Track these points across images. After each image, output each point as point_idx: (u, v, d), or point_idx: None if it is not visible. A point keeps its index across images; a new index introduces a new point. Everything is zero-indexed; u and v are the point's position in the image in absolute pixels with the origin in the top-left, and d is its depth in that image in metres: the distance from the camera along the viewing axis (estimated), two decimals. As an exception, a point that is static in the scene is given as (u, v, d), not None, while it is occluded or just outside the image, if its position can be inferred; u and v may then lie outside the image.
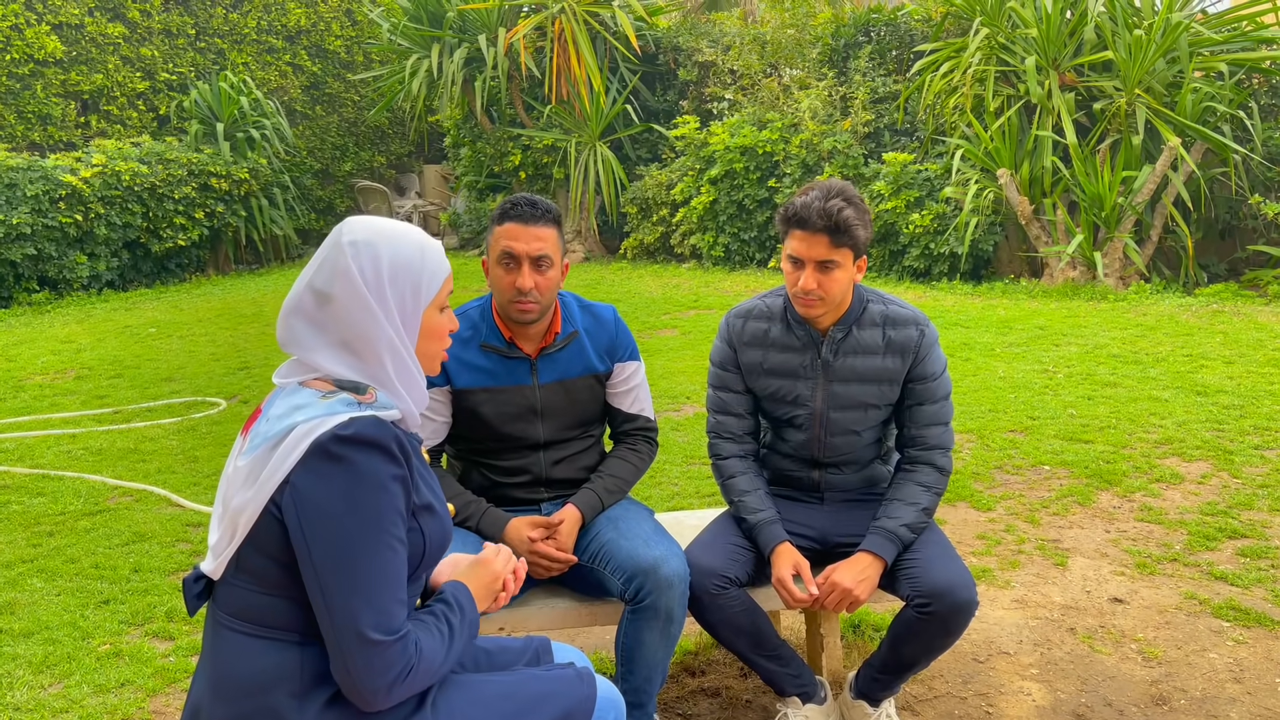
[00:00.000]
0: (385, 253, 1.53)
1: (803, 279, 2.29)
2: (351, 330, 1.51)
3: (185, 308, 10.32)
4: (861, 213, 2.28)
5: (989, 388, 5.75)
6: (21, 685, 2.89)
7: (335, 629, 1.41)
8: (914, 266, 9.68)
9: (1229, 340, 6.54)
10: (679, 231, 11.68)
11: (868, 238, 2.31)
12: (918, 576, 2.25)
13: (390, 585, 1.44)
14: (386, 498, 1.44)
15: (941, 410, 2.41)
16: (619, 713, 1.73)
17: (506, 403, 2.42)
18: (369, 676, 1.41)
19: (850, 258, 2.29)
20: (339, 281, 1.51)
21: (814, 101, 10.70)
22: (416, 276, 1.56)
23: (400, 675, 1.43)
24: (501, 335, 2.42)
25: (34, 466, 5.11)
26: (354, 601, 1.41)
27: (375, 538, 1.43)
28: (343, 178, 15.83)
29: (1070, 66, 8.82)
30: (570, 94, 12.03)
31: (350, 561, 1.41)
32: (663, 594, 2.20)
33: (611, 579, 2.27)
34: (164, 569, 3.73)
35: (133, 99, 13.72)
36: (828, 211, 2.23)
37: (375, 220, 1.58)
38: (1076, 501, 4.03)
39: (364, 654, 1.40)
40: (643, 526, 2.37)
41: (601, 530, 2.37)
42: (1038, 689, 2.71)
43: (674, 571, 2.21)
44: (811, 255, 2.27)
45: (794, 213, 2.29)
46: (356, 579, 1.41)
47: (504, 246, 2.33)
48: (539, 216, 2.33)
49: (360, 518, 1.42)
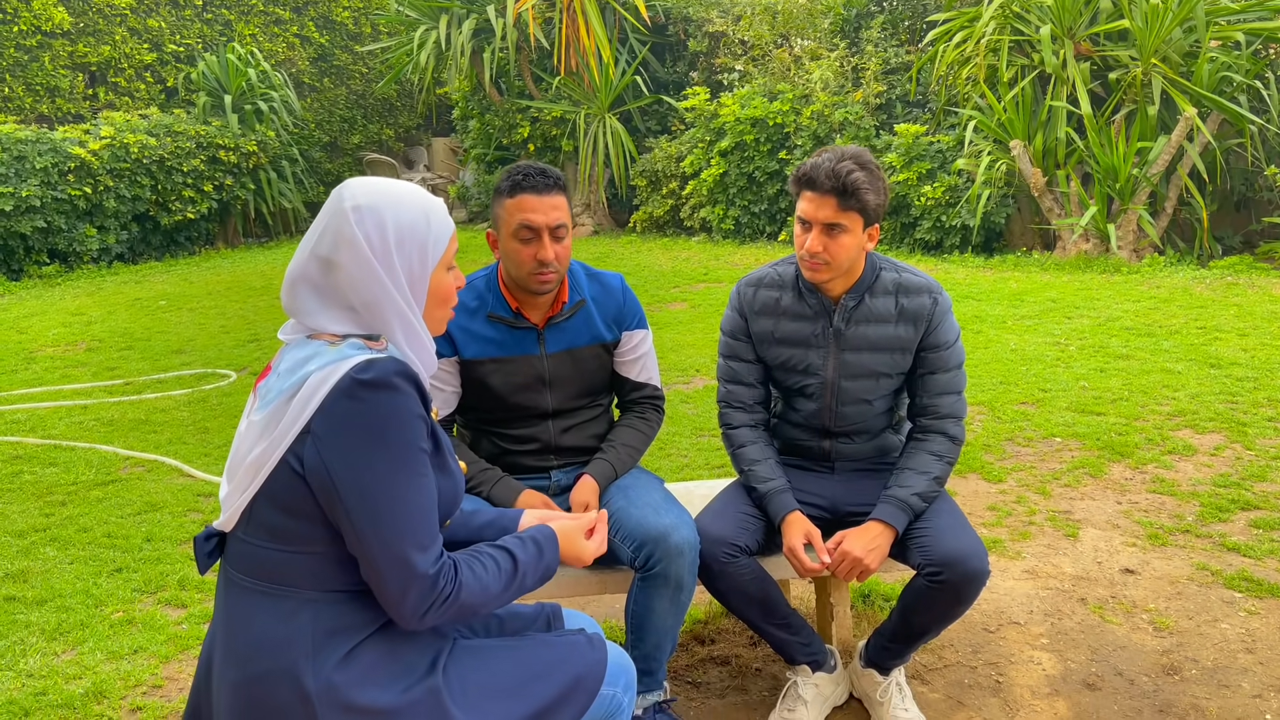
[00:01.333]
0: (390, 217, 1.51)
1: (809, 241, 2.26)
2: (358, 297, 1.49)
3: (195, 281, 10.33)
4: (874, 178, 2.24)
5: (1000, 360, 5.72)
6: (35, 652, 2.91)
7: (374, 560, 1.42)
8: (925, 239, 9.62)
9: (1243, 313, 6.49)
10: (689, 204, 11.61)
11: (879, 205, 2.26)
12: (929, 545, 2.23)
13: (425, 514, 1.45)
14: (413, 429, 1.44)
15: (954, 379, 2.39)
16: (629, 679, 1.73)
17: (514, 373, 2.40)
18: (408, 602, 1.43)
19: (859, 223, 2.26)
20: (344, 248, 1.49)
21: (825, 72, 10.60)
22: (423, 239, 1.54)
23: (437, 602, 1.45)
24: (508, 305, 2.40)
25: (46, 437, 5.13)
26: (389, 533, 1.41)
27: (405, 468, 1.43)
28: (351, 150, 15.77)
29: (1085, 36, 8.70)
30: (579, 65, 11.94)
31: (383, 496, 1.41)
32: (672, 562, 2.19)
33: (622, 547, 2.26)
34: (176, 538, 3.75)
35: (140, 71, 13.67)
36: (837, 173, 2.20)
37: (376, 182, 1.55)
38: (1088, 473, 4.01)
39: (403, 580, 1.42)
40: (652, 494, 2.36)
41: (612, 498, 2.37)
42: (1048, 658, 2.71)
43: (684, 539, 2.21)
44: (819, 217, 2.24)
45: (804, 173, 2.26)
46: (392, 511, 1.41)
47: (522, 219, 2.27)
48: (551, 185, 2.29)
49: (389, 452, 1.42)
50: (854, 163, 2.22)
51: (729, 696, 2.61)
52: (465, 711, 1.51)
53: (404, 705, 1.47)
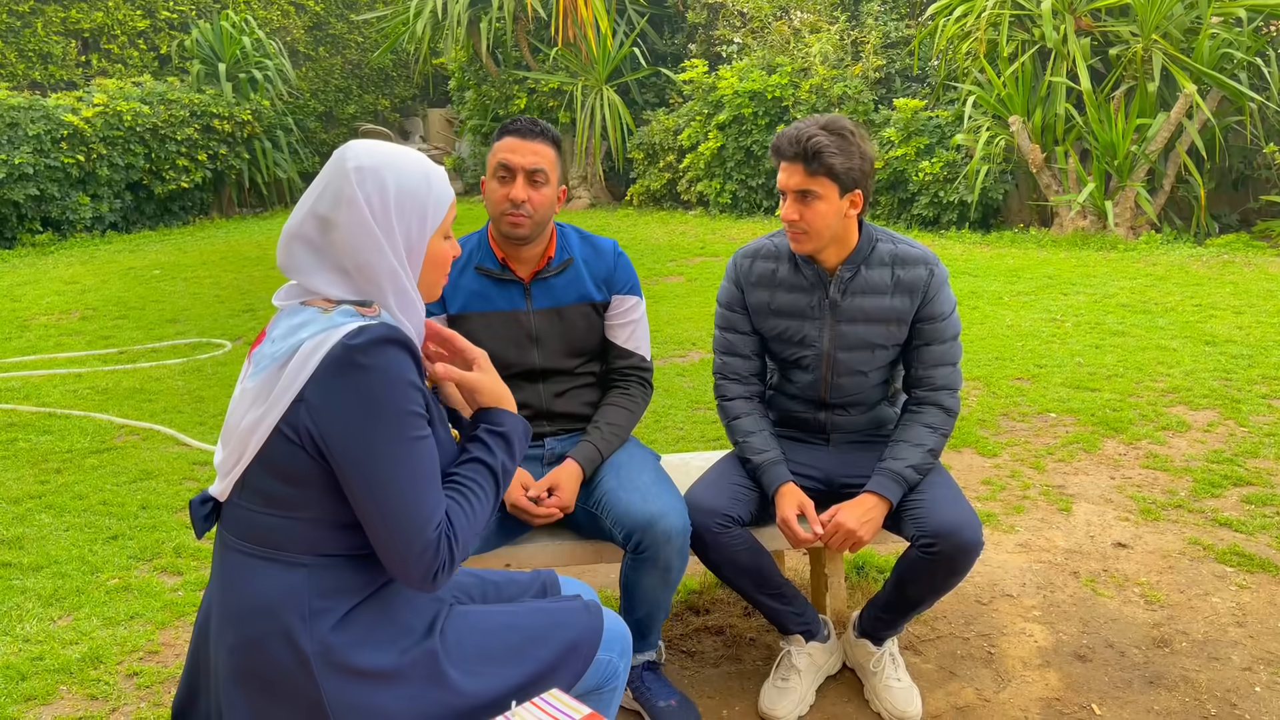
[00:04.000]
0: (391, 180, 1.50)
1: (785, 208, 2.28)
2: (354, 258, 1.49)
3: (189, 250, 10.29)
4: (845, 143, 2.22)
5: (996, 336, 5.73)
6: (31, 618, 2.92)
7: (378, 530, 1.43)
8: (923, 215, 9.60)
9: (1239, 290, 6.50)
10: (686, 178, 11.57)
11: (851, 169, 2.23)
12: (923, 517, 2.24)
13: (426, 480, 1.45)
14: (407, 395, 1.43)
15: (950, 350, 2.39)
16: (625, 644, 1.74)
17: (500, 327, 2.40)
18: (416, 570, 1.44)
19: (833, 190, 2.23)
20: (344, 208, 1.49)
21: (825, 46, 10.54)
22: (423, 204, 1.53)
23: (444, 566, 1.46)
24: (495, 257, 2.40)
25: (41, 405, 5.12)
26: (393, 504, 1.41)
27: (402, 435, 1.42)
28: (346, 121, 15.67)
29: (1087, 11, 8.65)
30: (577, 36, 11.85)
31: (382, 465, 1.41)
32: (661, 548, 2.19)
33: (612, 530, 2.26)
34: (171, 506, 3.76)
35: (133, 38, 13.54)
36: (798, 138, 2.21)
37: (380, 145, 1.55)
38: (1082, 448, 4.03)
39: (407, 548, 1.43)
40: (642, 476, 2.33)
41: (604, 478, 2.35)
42: (1040, 630, 2.73)
43: (671, 526, 2.19)
44: (790, 185, 2.26)
45: (774, 143, 2.30)
46: (392, 481, 1.41)
47: (500, 159, 2.32)
48: (538, 133, 2.33)
49: (385, 419, 1.41)
50: (821, 129, 2.22)
51: (723, 666, 2.63)
52: (462, 674, 1.52)
53: (401, 667, 1.48)
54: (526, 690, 1.55)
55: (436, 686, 1.50)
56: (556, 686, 1.56)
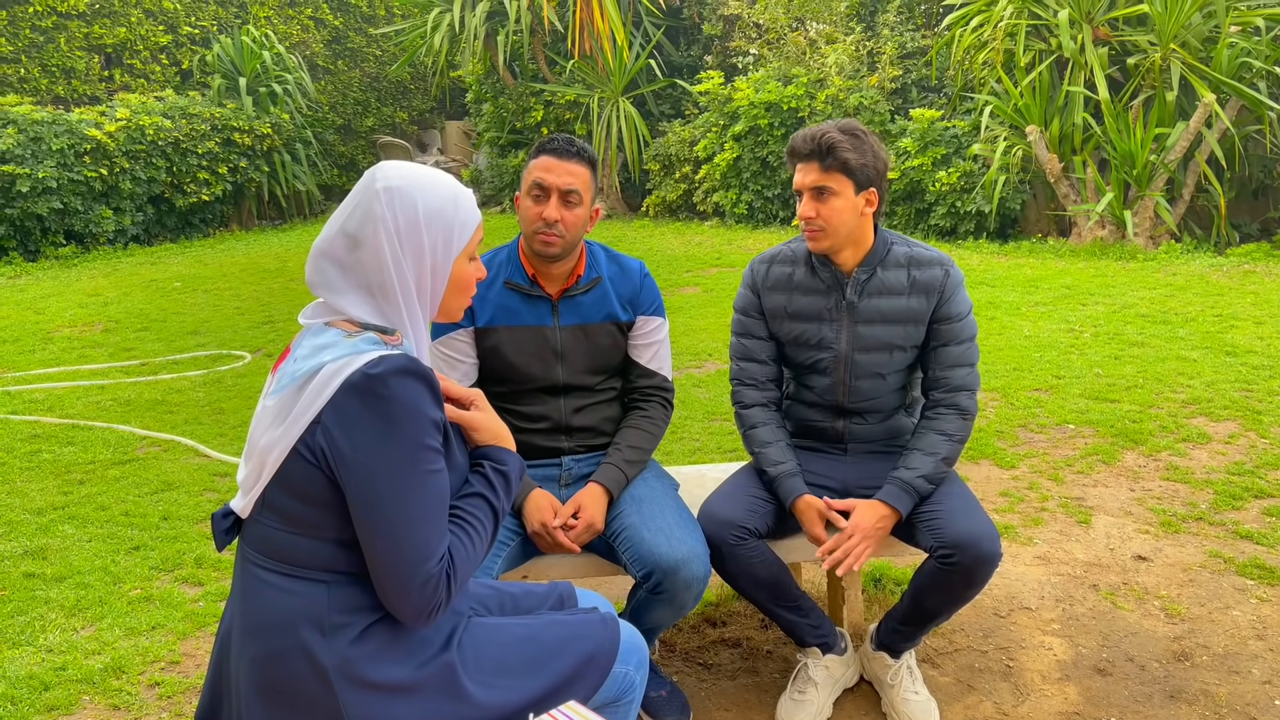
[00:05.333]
0: (419, 201, 1.53)
1: (801, 206, 2.31)
2: (379, 277, 1.51)
3: (210, 263, 10.38)
4: (859, 142, 2.28)
5: (1014, 346, 5.71)
6: (54, 628, 2.95)
7: (377, 562, 1.43)
8: (940, 225, 9.57)
9: (1260, 301, 6.45)
10: (702, 189, 11.59)
11: (865, 165, 2.27)
12: (941, 528, 2.24)
13: (433, 515, 1.45)
14: (422, 428, 1.44)
15: (967, 351, 2.39)
16: (641, 657, 1.75)
17: (527, 341, 2.42)
18: (412, 604, 1.44)
19: (848, 186, 2.28)
20: (371, 227, 1.51)
21: (840, 56, 10.55)
22: (449, 226, 1.56)
23: (441, 601, 1.46)
24: (525, 273, 2.43)
25: (64, 416, 5.18)
26: (397, 538, 1.42)
27: (414, 469, 1.43)
28: (365, 133, 15.79)
29: (1104, 20, 8.63)
30: (593, 48, 11.90)
31: (389, 500, 1.42)
32: (680, 592, 2.19)
33: (630, 565, 2.25)
34: (192, 517, 3.79)
35: (155, 53, 13.70)
36: (813, 136, 2.28)
37: (409, 166, 1.58)
38: (1101, 460, 4.01)
39: (404, 585, 1.43)
40: (665, 516, 2.29)
41: (624, 511, 2.32)
42: (1059, 644, 2.72)
43: (693, 575, 2.18)
44: (805, 183, 2.30)
45: (789, 146, 2.35)
46: (398, 517, 1.42)
47: (536, 178, 2.34)
48: (574, 153, 2.35)
49: (398, 451, 1.42)
50: (835, 127, 2.29)
51: (740, 678, 2.63)
52: (479, 687, 1.53)
53: (419, 680, 1.49)
54: (543, 703, 1.56)
55: (454, 699, 1.51)
56: (573, 699, 1.57)
